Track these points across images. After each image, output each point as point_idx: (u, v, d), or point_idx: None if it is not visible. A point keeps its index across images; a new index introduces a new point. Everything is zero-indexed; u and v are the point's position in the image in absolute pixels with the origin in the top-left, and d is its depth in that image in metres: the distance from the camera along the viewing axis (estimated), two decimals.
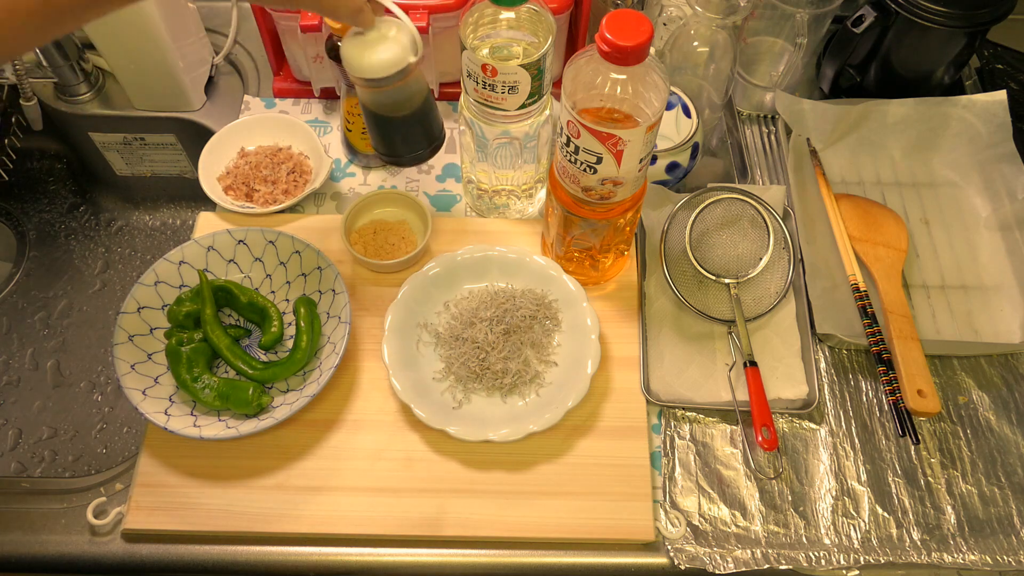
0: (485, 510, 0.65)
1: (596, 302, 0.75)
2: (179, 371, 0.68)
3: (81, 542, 0.65)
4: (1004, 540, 0.66)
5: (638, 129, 0.58)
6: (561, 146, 0.63)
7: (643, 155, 0.61)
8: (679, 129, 0.79)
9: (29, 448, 0.87)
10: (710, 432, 0.70)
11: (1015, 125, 0.84)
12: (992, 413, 0.72)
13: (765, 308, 0.74)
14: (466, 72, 0.66)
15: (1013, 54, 0.96)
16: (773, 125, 0.90)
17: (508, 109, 0.67)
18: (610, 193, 0.64)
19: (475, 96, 0.67)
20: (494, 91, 0.65)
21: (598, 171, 0.62)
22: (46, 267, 1.00)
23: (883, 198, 0.85)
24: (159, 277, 0.73)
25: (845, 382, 0.74)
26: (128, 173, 1.03)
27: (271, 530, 0.65)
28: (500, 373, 0.70)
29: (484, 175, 0.76)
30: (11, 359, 0.93)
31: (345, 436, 0.69)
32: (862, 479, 0.68)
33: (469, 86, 0.67)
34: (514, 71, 0.63)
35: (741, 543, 0.65)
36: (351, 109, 0.80)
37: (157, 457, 0.67)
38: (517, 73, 0.63)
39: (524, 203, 0.81)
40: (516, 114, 0.68)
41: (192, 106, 0.92)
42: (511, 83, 0.64)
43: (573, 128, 0.59)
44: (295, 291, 0.76)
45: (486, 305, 0.73)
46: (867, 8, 0.82)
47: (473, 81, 0.65)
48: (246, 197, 0.82)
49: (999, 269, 0.80)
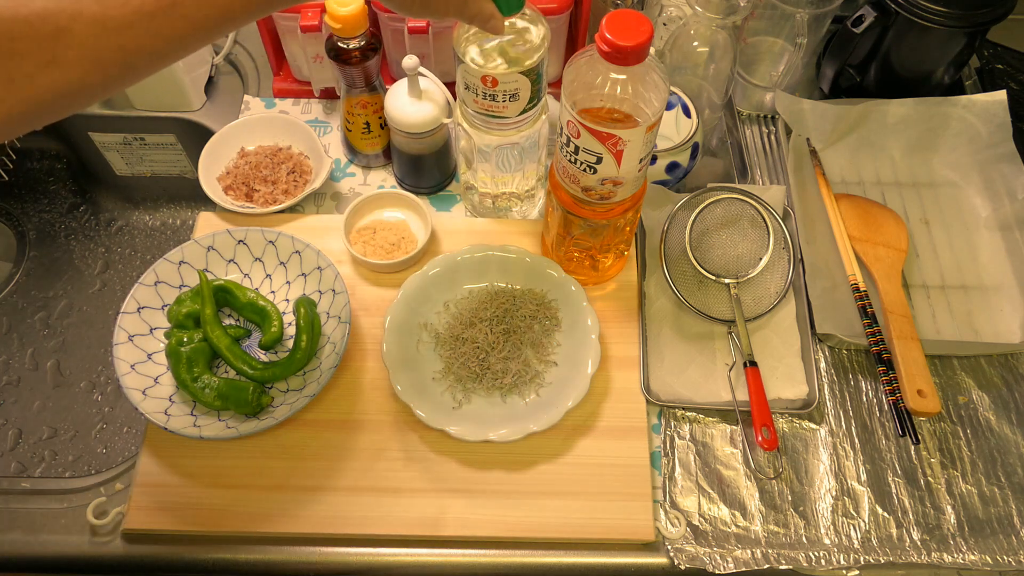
0: (485, 510, 0.65)
1: (596, 302, 0.75)
2: (179, 371, 0.68)
3: (81, 542, 0.65)
4: (1004, 540, 0.66)
5: (638, 129, 0.58)
6: (561, 146, 0.63)
7: (643, 155, 0.61)
8: (679, 129, 0.79)
9: (29, 448, 0.86)
10: (710, 432, 0.70)
11: (1015, 125, 0.84)
12: (992, 413, 0.72)
13: (765, 308, 0.74)
14: (463, 85, 0.65)
15: (1013, 54, 0.96)
16: (773, 125, 0.90)
17: (509, 116, 0.67)
18: (610, 193, 0.64)
19: (475, 107, 0.66)
20: (495, 101, 0.65)
21: (598, 171, 0.62)
22: (46, 267, 1.00)
23: (883, 198, 0.85)
24: (159, 277, 0.73)
25: (845, 382, 0.74)
26: (128, 173, 1.03)
27: (271, 530, 0.65)
28: (500, 373, 0.70)
29: (485, 179, 0.76)
30: (11, 359, 0.93)
31: (345, 436, 0.69)
32: (862, 479, 0.68)
33: (468, 98, 0.66)
34: (514, 79, 0.63)
35: (741, 543, 0.65)
36: (351, 109, 0.80)
37: (157, 457, 0.67)
38: (518, 81, 0.63)
39: (526, 205, 0.81)
40: (517, 120, 0.67)
41: (192, 106, 0.92)
42: (512, 91, 0.64)
43: (573, 128, 0.59)
44: (295, 291, 0.76)
45: (486, 305, 0.73)
46: (867, 8, 0.82)
47: (472, 93, 0.65)
48: (246, 197, 0.82)
49: (999, 269, 0.80)
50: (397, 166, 0.83)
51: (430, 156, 0.80)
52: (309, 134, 0.84)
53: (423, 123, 0.74)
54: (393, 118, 0.75)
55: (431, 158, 0.80)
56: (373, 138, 0.82)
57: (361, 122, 0.80)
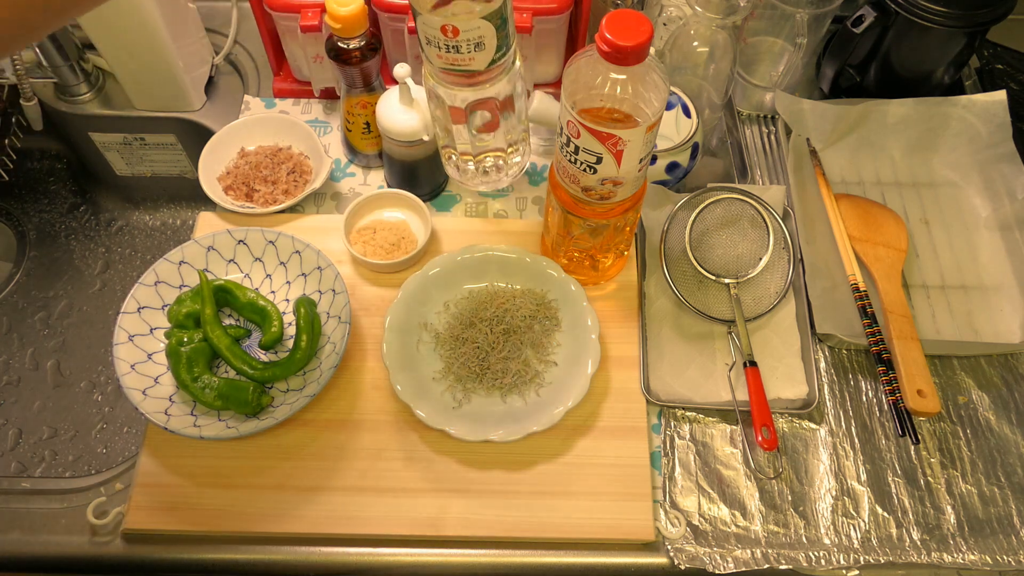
0: (485, 510, 0.65)
1: (596, 302, 0.75)
2: (179, 371, 0.68)
3: (81, 542, 0.65)
4: (1004, 540, 0.66)
5: (638, 129, 0.58)
6: (561, 146, 0.63)
7: (643, 155, 0.61)
8: (679, 129, 0.79)
9: (29, 448, 0.87)
10: (710, 432, 0.70)
11: (1015, 125, 0.84)
12: (992, 413, 0.72)
13: (765, 308, 0.74)
14: (424, 39, 0.61)
15: (1013, 54, 0.96)
16: (773, 125, 0.90)
17: (478, 68, 0.63)
18: (610, 193, 0.64)
19: (440, 63, 0.62)
20: (459, 52, 0.61)
21: (598, 171, 0.62)
22: (46, 267, 1.00)
23: (883, 198, 0.85)
24: (159, 277, 0.73)
25: (845, 382, 0.74)
26: (128, 173, 1.03)
27: (271, 530, 0.65)
28: (500, 373, 0.70)
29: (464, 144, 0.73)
30: (11, 359, 0.93)
31: (345, 436, 0.69)
32: (862, 479, 0.68)
33: (432, 54, 0.62)
34: (476, 25, 0.58)
35: (741, 543, 0.65)
36: (351, 109, 0.80)
37: (157, 457, 0.67)
38: (480, 27, 0.59)
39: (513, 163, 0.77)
40: (487, 73, 0.63)
41: (192, 106, 0.92)
42: (476, 39, 0.60)
43: (573, 128, 0.59)
44: (295, 291, 0.76)
45: (486, 305, 0.73)
46: (867, 8, 0.82)
47: (435, 47, 0.61)
48: (246, 197, 0.82)
49: (999, 269, 0.80)
50: (389, 174, 0.83)
51: (423, 164, 0.79)
52: (309, 134, 0.84)
53: (413, 131, 0.74)
54: (383, 126, 0.75)
55: (424, 166, 0.80)
56: (373, 138, 0.82)
57: (361, 122, 0.80)
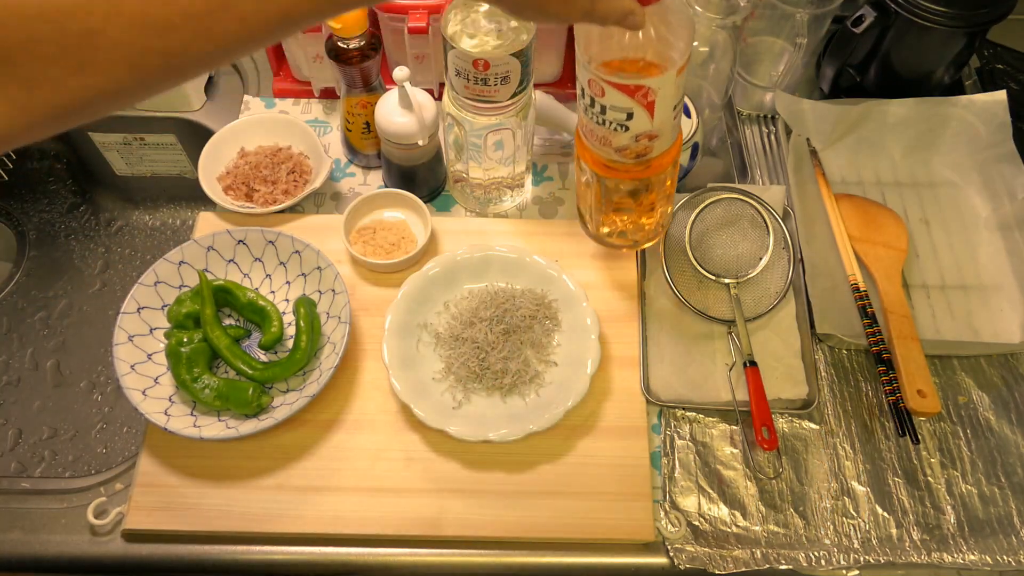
0: (485, 510, 0.65)
1: (596, 302, 0.75)
2: (179, 371, 0.68)
3: (81, 542, 0.65)
4: (1004, 540, 0.66)
5: (668, 75, 0.53)
6: (585, 108, 0.58)
7: (676, 102, 0.57)
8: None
9: (29, 448, 0.87)
10: (710, 432, 0.70)
11: (1015, 125, 0.84)
12: (992, 413, 0.72)
13: (765, 308, 0.74)
14: (454, 71, 0.65)
15: (1013, 54, 0.96)
16: (773, 125, 0.90)
17: (501, 100, 0.67)
18: (646, 149, 0.59)
19: (467, 93, 0.67)
20: (487, 84, 0.65)
21: (630, 128, 0.57)
22: (46, 267, 1.00)
23: (883, 198, 0.85)
24: (159, 277, 0.73)
25: (845, 382, 0.74)
26: (128, 173, 1.03)
27: (271, 530, 0.65)
28: (500, 373, 0.70)
29: (476, 169, 0.76)
30: (11, 359, 0.93)
31: (345, 436, 0.69)
32: (862, 479, 0.68)
33: (459, 84, 0.66)
34: (506, 61, 0.63)
35: (741, 543, 0.65)
36: (351, 109, 0.80)
37: (157, 457, 0.67)
38: (509, 63, 0.63)
39: (516, 194, 0.81)
40: (508, 104, 0.68)
41: (192, 106, 0.92)
42: (503, 74, 0.64)
43: (596, 87, 0.54)
44: (295, 291, 0.76)
45: (486, 305, 0.73)
46: (867, 8, 0.82)
47: (463, 79, 0.65)
48: (246, 197, 0.82)
49: (999, 269, 0.80)
50: (387, 175, 0.83)
51: (420, 166, 0.79)
52: (309, 134, 0.84)
53: (411, 134, 0.74)
54: (382, 128, 0.75)
55: (422, 168, 0.80)
56: (373, 138, 0.82)
57: (361, 122, 0.80)
